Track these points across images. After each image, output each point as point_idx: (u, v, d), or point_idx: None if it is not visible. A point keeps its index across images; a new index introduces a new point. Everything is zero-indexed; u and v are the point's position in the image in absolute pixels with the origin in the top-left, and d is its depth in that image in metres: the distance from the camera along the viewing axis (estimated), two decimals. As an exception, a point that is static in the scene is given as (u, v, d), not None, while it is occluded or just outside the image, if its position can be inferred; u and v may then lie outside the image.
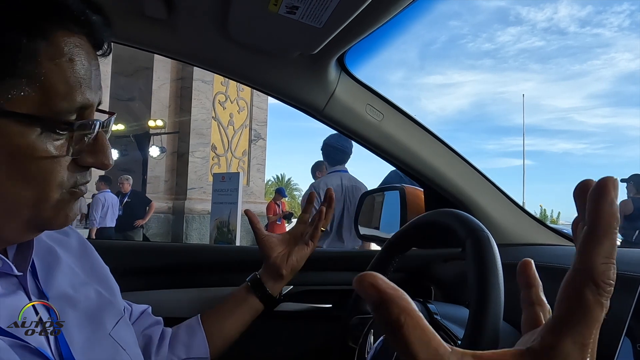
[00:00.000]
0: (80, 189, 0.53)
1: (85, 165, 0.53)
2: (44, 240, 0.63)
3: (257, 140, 11.86)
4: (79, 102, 0.49)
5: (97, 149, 0.53)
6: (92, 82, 0.51)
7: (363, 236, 1.42)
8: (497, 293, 0.59)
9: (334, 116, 1.08)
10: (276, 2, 0.76)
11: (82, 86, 0.50)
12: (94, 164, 0.53)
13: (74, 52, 0.49)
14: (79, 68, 0.50)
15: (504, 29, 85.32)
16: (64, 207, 0.52)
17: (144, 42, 1.01)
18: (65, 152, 0.50)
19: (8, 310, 0.49)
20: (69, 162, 0.51)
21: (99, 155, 0.53)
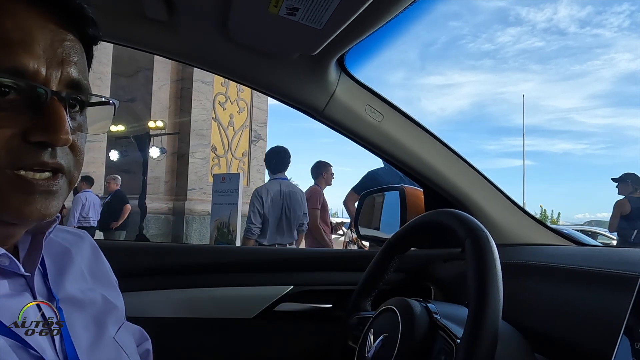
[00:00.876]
0: (28, 179, 0.47)
1: (34, 140, 0.46)
2: (59, 242, 0.63)
3: (257, 141, 11.85)
4: (4, 66, 0.45)
5: (46, 121, 0.47)
6: (32, 49, 0.47)
7: (363, 236, 1.42)
8: (496, 292, 0.60)
9: (334, 117, 1.08)
10: (276, 3, 0.76)
11: (9, 49, 0.45)
12: (42, 138, 0.46)
13: (2, 15, 0.46)
14: (6, 30, 0.46)
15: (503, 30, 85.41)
16: (7, 199, 0.46)
17: (145, 43, 1.02)
18: (1, 122, 0.45)
19: (12, 310, 0.49)
20: (8, 135, 0.45)
21: (46, 128, 0.46)
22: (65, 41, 0.51)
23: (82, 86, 0.52)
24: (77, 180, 0.54)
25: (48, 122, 0.47)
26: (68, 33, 0.51)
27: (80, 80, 0.52)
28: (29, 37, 0.47)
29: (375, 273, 0.89)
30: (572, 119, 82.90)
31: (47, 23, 0.49)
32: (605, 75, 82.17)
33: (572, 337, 0.73)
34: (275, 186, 3.88)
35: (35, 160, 0.47)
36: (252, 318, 1.13)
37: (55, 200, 0.50)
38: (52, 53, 0.49)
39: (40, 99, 0.47)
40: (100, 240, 0.91)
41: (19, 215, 0.47)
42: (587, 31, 78.45)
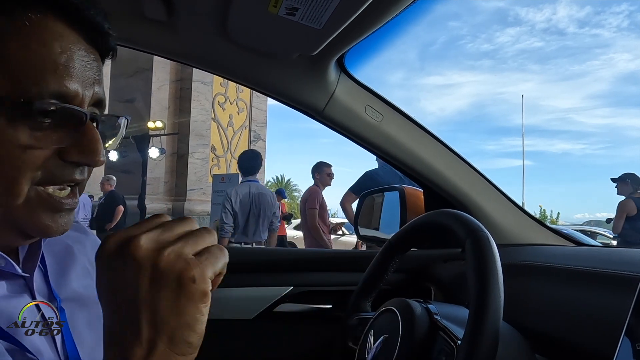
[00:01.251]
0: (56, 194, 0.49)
1: (70, 160, 0.49)
2: (62, 240, 0.62)
3: (256, 141, 11.87)
4: (53, 89, 0.46)
5: (84, 142, 0.49)
6: (74, 72, 0.48)
7: (363, 237, 1.42)
8: (497, 293, 0.59)
9: (334, 117, 1.08)
10: (276, 3, 0.76)
11: (57, 73, 0.47)
12: (80, 159, 0.49)
13: (49, 37, 0.47)
14: (54, 54, 0.47)
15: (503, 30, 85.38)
16: (37, 208, 0.48)
17: (144, 43, 1.02)
18: (40, 142, 0.47)
19: (10, 312, 0.49)
20: (47, 154, 0.47)
21: (85, 149, 0.49)
22: (95, 61, 0.52)
23: (104, 104, 0.54)
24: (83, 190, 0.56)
25: (86, 143, 0.49)
26: (95, 51, 0.53)
27: (104, 99, 0.53)
28: (72, 61, 0.48)
29: (375, 273, 0.89)
30: (572, 119, 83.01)
31: (82, 43, 0.50)
32: (604, 76, 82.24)
33: (572, 337, 0.73)
34: (245, 188, 4.16)
35: (67, 178, 0.50)
36: (252, 319, 1.13)
37: (72, 215, 0.52)
38: (86, 74, 0.50)
39: (80, 120, 0.49)
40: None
41: (46, 231, 0.50)
42: (586, 31, 78.55)
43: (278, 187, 9.96)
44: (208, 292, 0.39)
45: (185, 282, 0.37)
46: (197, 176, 10.65)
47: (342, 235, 9.65)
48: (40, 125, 0.46)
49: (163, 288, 0.37)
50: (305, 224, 4.68)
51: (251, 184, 4.22)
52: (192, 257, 0.39)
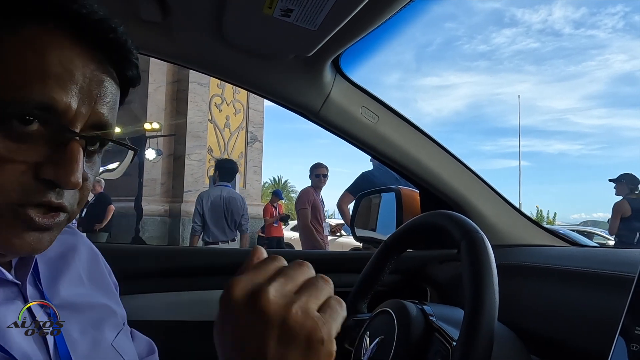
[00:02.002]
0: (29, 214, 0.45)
1: (43, 177, 0.45)
2: (56, 246, 0.60)
3: (253, 142, 11.85)
4: (39, 99, 0.43)
5: (60, 160, 0.45)
6: (69, 85, 0.45)
7: (360, 238, 1.42)
8: (492, 294, 0.59)
9: (330, 118, 1.08)
10: (271, 4, 0.76)
11: (47, 83, 0.44)
12: (53, 177, 0.44)
13: (45, 47, 0.45)
14: (47, 63, 0.44)
15: (499, 31, 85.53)
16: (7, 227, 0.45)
17: (140, 45, 1.00)
18: (14, 154, 0.43)
19: (2, 318, 0.48)
20: (22, 169, 0.44)
21: (60, 167, 0.44)
22: (104, 82, 0.49)
23: (108, 130, 0.50)
24: (77, 215, 0.52)
25: (62, 160, 0.45)
26: (108, 74, 0.50)
27: (106, 124, 0.50)
28: (68, 74, 0.46)
29: (371, 275, 0.88)
30: (568, 120, 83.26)
31: (90, 62, 0.48)
32: (600, 76, 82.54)
33: (568, 338, 0.73)
34: (217, 192, 4.68)
35: (41, 199, 0.45)
36: None
37: (48, 235, 0.48)
38: (87, 93, 0.47)
39: (62, 136, 0.46)
40: (100, 243, 0.91)
41: (10, 248, 0.46)
42: (581, 32, 78.82)
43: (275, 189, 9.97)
44: (333, 354, 0.38)
45: (314, 343, 0.37)
46: (194, 178, 10.62)
47: (339, 236, 9.66)
48: (19, 136, 0.44)
49: (292, 347, 0.36)
50: (299, 224, 4.73)
51: (223, 188, 4.71)
52: (318, 314, 0.38)
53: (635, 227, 5.10)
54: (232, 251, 1.67)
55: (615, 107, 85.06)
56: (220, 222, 4.65)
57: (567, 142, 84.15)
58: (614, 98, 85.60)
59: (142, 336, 0.75)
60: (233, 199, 4.69)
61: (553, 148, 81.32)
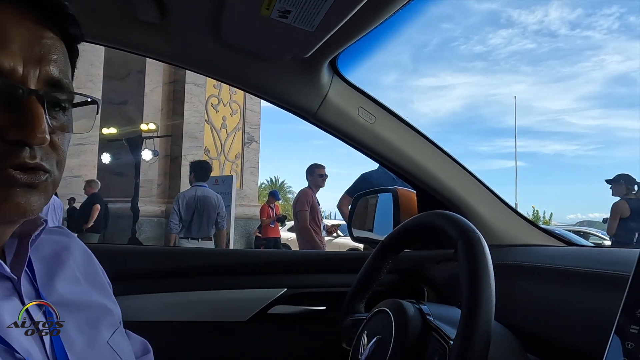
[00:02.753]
0: (9, 172, 0.46)
1: (10, 139, 0.45)
2: (50, 246, 0.62)
3: (250, 143, 11.85)
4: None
5: (23, 120, 0.45)
6: (9, 48, 0.46)
7: (357, 238, 1.42)
8: (489, 293, 0.60)
9: (327, 119, 1.08)
10: (268, 6, 0.77)
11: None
12: (20, 137, 0.45)
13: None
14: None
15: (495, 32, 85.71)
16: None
17: (137, 46, 1.01)
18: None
19: (0, 315, 0.48)
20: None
21: (22, 127, 0.45)
22: (44, 39, 0.50)
23: (63, 85, 0.51)
24: (60, 181, 0.53)
25: (24, 120, 0.46)
26: (47, 31, 0.50)
27: (60, 79, 0.50)
28: (4, 35, 0.46)
29: (368, 275, 0.89)
30: (564, 120, 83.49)
31: (24, 21, 0.48)
32: (595, 77, 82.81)
33: (564, 337, 0.73)
34: (192, 192, 5.04)
35: (15, 160, 0.46)
36: (245, 321, 1.13)
37: (36, 195, 0.48)
38: (29, 51, 0.48)
39: (17, 97, 0.46)
40: (93, 244, 0.91)
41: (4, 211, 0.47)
42: (577, 33, 79.03)
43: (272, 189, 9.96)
44: None
45: None
46: (190, 178, 10.63)
47: (336, 237, 9.66)
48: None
49: None
50: (298, 225, 4.72)
51: (197, 188, 5.05)
52: None
53: (633, 227, 5.10)
54: (227, 252, 1.67)
55: (611, 108, 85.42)
56: (196, 220, 5.00)
57: (563, 143, 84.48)
58: (610, 99, 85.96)
59: (136, 336, 0.75)
60: (207, 197, 5.04)
61: (549, 148, 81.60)
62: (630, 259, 0.76)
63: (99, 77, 9.99)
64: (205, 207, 4.99)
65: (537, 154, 79.56)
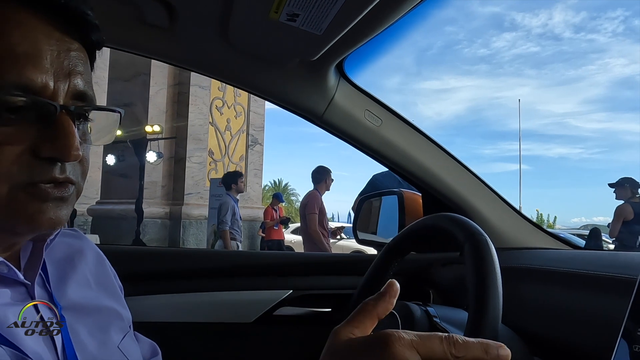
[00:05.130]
0: (42, 187, 0.46)
1: (43, 156, 0.46)
2: (63, 249, 0.62)
3: (254, 145, 11.85)
4: (14, 81, 0.44)
5: (55, 136, 0.46)
6: (39, 62, 0.46)
7: (362, 241, 1.42)
8: (496, 296, 0.60)
9: (333, 122, 1.09)
10: (277, 9, 0.77)
11: (18, 63, 0.44)
12: (53, 154, 0.46)
13: (7, 26, 0.45)
14: (12, 43, 0.44)
15: (499, 35, 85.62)
16: (22, 207, 0.46)
17: (146, 49, 1.02)
18: (8, 138, 0.44)
19: (12, 318, 0.48)
20: (18, 152, 0.45)
21: (57, 143, 0.46)
22: (71, 51, 0.49)
23: (88, 97, 0.51)
24: (82, 191, 0.53)
25: (58, 137, 0.46)
26: (73, 42, 0.50)
27: (86, 92, 0.51)
28: (37, 50, 0.46)
29: (374, 277, 0.89)
30: (568, 124, 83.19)
31: (53, 32, 0.48)
32: (600, 80, 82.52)
33: (570, 340, 0.73)
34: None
35: (46, 176, 0.47)
36: (251, 322, 1.13)
37: (65, 208, 0.50)
38: (59, 65, 0.47)
39: (50, 113, 0.46)
40: (103, 245, 0.91)
41: (33, 223, 0.47)
42: (581, 36, 78.84)
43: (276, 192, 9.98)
44: None
45: None
46: (194, 180, 10.61)
47: (339, 239, 9.64)
48: (7, 121, 0.44)
49: None
50: (306, 228, 4.70)
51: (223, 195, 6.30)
52: None
53: (637, 230, 5.08)
54: (233, 253, 1.67)
55: (615, 111, 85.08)
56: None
57: (567, 146, 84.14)
58: (614, 102, 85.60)
59: (145, 339, 0.75)
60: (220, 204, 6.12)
61: (553, 152, 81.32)
62: (637, 263, 0.76)
63: (104, 79, 10.04)
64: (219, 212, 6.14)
65: (541, 157, 79.33)
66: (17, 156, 0.45)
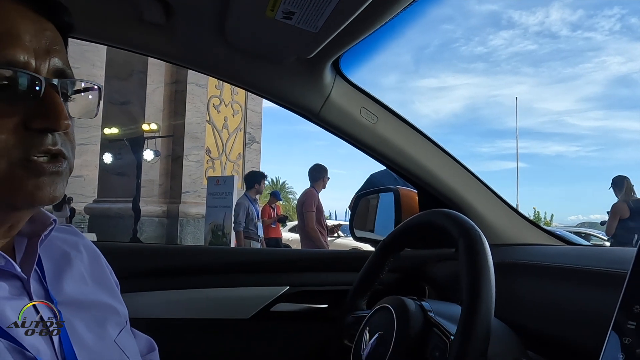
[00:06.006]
0: (38, 162, 0.49)
1: (35, 128, 0.48)
2: (58, 245, 0.63)
3: (251, 143, 11.85)
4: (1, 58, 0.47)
5: (44, 109, 0.48)
6: (19, 41, 0.48)
7: (359, 238, 1.43)
8: (489, 290, 0.61)
9: (330, 119, 1.09)
10: (273, 7, 0.78)
11: (3, 43, 0.47)
12: (45, 125, 0.48)
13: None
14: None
15: (496, 33, 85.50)
16: (21, 183, 0.48)
17: (142, 46, 1.03)
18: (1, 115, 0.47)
19: (9, 312, 0.49)
20: (10, 126, 0.47)
21: (47, 115, 0.48)
22: (47, 30, 0.52)
23: (68, 74, 0.53)
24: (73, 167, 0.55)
25: (47, 109, 0.49)
26: (47, 22, 0.53)
27: (65, 69, 0.53)
28: (16, 29, 0.48)
29: (370, 273, 0.90)
30: (565, 122, 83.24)
31: (27, 12, 0.50)
32: (597, 78, 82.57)
33: (563, 333, 0.74)
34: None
35: (40, 147, 0.49)
36: (248, 318, 1.14)
37: (61, 182, 0.52)
38: (37, 43, 0.50)
39: (36, 88, 0.49)
40: (98, 241, 0.92)
41: (32, 198, 0.49)
42: (578, 34, 78.79)
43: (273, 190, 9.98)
44: None
45: None
46: (191, 178, 10.61)
47: (337, 237, 9.66)
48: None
49: None
50: (303, 226, 4.71)
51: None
52: None
53: (633, 228, 5.12)
54: (230, 250, 1.68)
55: (612, 109, 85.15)
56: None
57: (564, 144, 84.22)
58: (611, 100, 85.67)
59: (141, 334, 0.76)
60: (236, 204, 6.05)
61: (550, 150, 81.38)
62: (628, 257, 0.77)
63: (100, 77, 10.02)
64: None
65: (539, 155, 79.36)
66: (11, 130, 0.47)
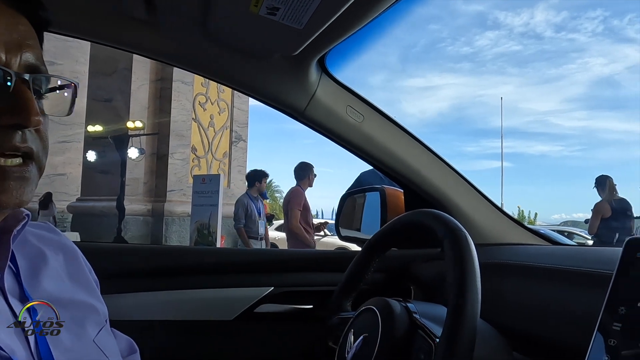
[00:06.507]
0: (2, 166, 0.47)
1: (4, 124, 0.47)
2: (34, 243, 0.61)
3: (238, 141, 11.79)
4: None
5: (14, 105, 0.47)
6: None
7: (344, 237, 1.42)
8: (475, 292, 0.60)
9: (315, 117, 1.08)
10: (257, 3, 0.76)
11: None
12: (14, 121, 0.47)
13: None
14: None
15: (482, 33, 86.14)
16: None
17: (125, 42, 1.00)
18: None
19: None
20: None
21: (16, 111, 0.47)
22: (20, 25, 0.50)
23: (41, 70, 0.52)
24: (45, 167, 0.54)
25: (17, 104, 0.47)
26: (20, 17, 0.51)
27: (38, 65, 0.51)
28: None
29: (355, 273, 0.89)
30: (549, 122, 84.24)
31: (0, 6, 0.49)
32: (580, 79, 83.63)
33: (549, 334, 0.74)
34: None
35: (7, 144, 0.47)
36: (232, 320, 1.12)
37: (28, 186, 0.50)
38: (8, 37, 0.48)
39: (7, 83, 0.47)
40: (81, 242, 0.90)
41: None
42: (562, 36, 79.74)
43: (259, 188, 9.87)
44: None
45: None
46: (177, 177, 10.52)
47: (324, 236, 9.66)
48: None
49: None
50: (288, 225, 4.70)
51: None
52: None
53: (614, 227, 5.22)
54: (213, 250, 1.66)
55: (595, 110, 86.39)
56: None
57: (548, 144, 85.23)
58: (594, 101, 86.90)
59: (122, 335, 0.74)
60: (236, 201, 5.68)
61: (534, 149, 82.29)
62: (613, 258, 0.77)
63: (84, 73, 9.89)
64: None
65: (523, 155, 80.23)
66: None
